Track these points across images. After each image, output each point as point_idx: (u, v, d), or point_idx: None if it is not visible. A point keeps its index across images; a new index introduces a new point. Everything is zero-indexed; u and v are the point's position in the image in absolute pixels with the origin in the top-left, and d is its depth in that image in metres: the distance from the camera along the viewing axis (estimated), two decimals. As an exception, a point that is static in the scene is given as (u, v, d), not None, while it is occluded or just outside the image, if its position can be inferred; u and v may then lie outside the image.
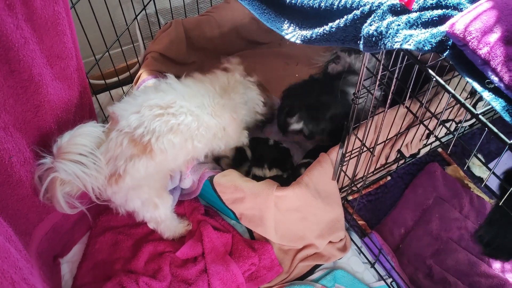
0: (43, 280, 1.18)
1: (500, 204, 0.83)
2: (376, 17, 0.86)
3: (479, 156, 0.96)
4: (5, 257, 0.93)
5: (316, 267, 1.46)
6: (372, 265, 1.46)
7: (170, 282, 1.38)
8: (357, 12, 0.89)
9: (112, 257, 1.44)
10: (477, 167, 1.66)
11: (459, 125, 1.59)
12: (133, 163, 1.18)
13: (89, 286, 1.39)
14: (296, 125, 1.53)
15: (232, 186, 1.35)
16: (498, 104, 0.73)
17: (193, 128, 1.26)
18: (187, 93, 1.31)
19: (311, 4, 0.96)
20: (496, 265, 1.41)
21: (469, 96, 1.47)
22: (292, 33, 1.01)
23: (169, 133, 1.20)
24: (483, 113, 0.78)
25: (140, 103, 1.22)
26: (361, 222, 1.52)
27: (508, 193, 0.79)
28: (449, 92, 0.82)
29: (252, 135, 1.61)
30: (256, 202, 1.35)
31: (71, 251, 1.48)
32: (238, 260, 1.41)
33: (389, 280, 1.42)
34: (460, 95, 0.91)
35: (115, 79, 1.79)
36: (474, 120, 1.71)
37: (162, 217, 1.38)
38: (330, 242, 1.46)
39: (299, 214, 1.37)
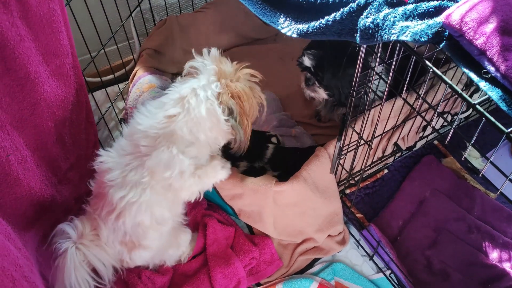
0: (43, 278, 1.18)
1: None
2: (372, 9, 0.86)
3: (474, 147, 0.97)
4: (5, 255, 0.93)
5: (315, 260, 1.47)
6: (371, 258, 1.47)
7: (171, 276, 1.39)
8: (353, 4, 0.89)
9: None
10: (473, 159, 1.67)
11: (455, 117, 1.60)
12: (134, 254, 1.22)
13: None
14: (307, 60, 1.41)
15: (231, 182, 1.35)
16: (494, 93, 0.74)
17: (147, 214, 1.15)
18: (121, 172, 1.13)
19: (306, -2, 0.96)
20: (494, 255, 1.43)
21: (464, 88, 1.48)
22: (288, 27, 1.01)
23: (137, 228, 1.16)
24: (480, 104, 0.78)
25: (96, 212, 1.19)
26: (359, 215, 1.53)
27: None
28: (446, 82, 0.82)
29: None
30: (254, 198, 1.35)
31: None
32: (239, 254, 1.41)
33: (387, 272, 1.43)
34: (456, 87, 0.91)
35: (111, 76, 1.78)
36: (469, 112, 1.73)
37: (184, 250, 1.40)
38: (329, 235, 1.47)
39: (298, 209, 1.38)
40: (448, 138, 0.93)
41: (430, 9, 0.82)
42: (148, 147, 1.11)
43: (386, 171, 1.64)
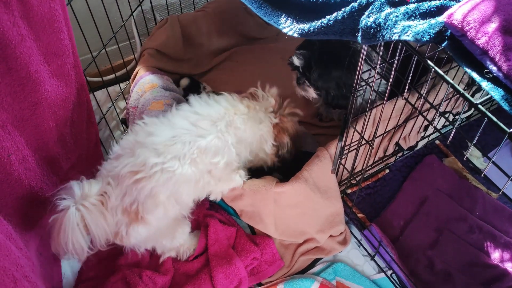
0: (44, 278, 1.18)
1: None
2: (374, 9, 0.86)
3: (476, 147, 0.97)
4: (6, 255, 0.93)
5: (316, 260, 1.47)
6: (372, 258, 1.46)
7: (173, 276, 1.39)
8: (355, 4, 0.89)
9: (116, 252, 1.44)
10: (474, 159, 1.67)
11: (456, 117, 1.59)
12: (133, 228, 1.20)
13: (94, 281, 1.40)
14: (296, 60, 1.45)
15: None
16: (497, 93, 0.73)
17: (170, 188, 1.17)
18: (165, 140, 1.18)
19: (308, -3, 0.96)
20: (495, 255, 1.42)
21: (466, 88, 1.48)
22: (290, 27, 1.01)
23: (149, 198, 1.16)
24: (481, 104, 0.78)
25: (115, 169, 1.18)
26: (360, 215, 1.53)
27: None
28: (448, 82, 0.82)
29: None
30: (255, 199, 1.35)
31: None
32: (240, 254, 1.41)
33: (389, 272, 1.43)
34: (457, 87, 0.91)
35: (112, 76, 1.78)
36: (471, 112, 1.73)
37: (181, 242, 1.40)
38: (330, 236, 1.46)
39: (299, 209, 1.38)
40: (450, 138, 0.93)
41: (432, 9, 0.82)
42: (205, 130, 1.21)
43: (387, 171, 1.64)
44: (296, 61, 1.43)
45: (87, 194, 1.15)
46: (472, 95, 1.57)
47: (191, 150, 1.17)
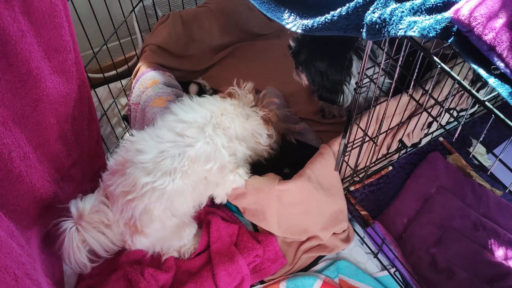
0: (45, 275, 1.18)
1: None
2: (379, 4, 0.85)
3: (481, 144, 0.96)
4: (7, 252, 0.92)
5: (319, 258, 1.46)
6: (375, 255, 1.46)
7: (175, 273, 1.38)
8: (360, -1, 0.88)
9: (118, 250, 1.43)
10: (478, 155, 1.66)
11: (460, 113, 1.58)
12: (135, 238, 1.23)
13: (96, 278, 1.39)
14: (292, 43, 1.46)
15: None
16: (504, 90, 0.73)
17: (163, 203, 1.17)
18: (154, 157, 1.16)
19: (312, -8, 0.95)
20: (499, 253, 1.41)
21: (470, 84, 1.46)
22: (293, 23, 0.99)
23: (144, 214, 1.17)
24: (488, 100, 0.77)
25: (110, 187, 1.20)
26: (363, 213, 1.52)
27: None
28: (454, 79, 0.81)
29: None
30: (258, 197, 1.34)
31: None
32: (242, 252, 1.41)
33: (392, 270, 1.42)
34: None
35: (113, 72, 1.78)
36: (475, 108, 1.71)
37: (186, 242, 1.40)
38: (333, 233, 1.46)
39: (302, 207, 1.37)
40: (456, 135, 0.92)
41: (439, 4, 0.80)
42: (193, 138, 1.18)
43: (390, 168, 1.63)
44: (291, 43, 1.44)
45: (82, 213, 1.19)
46: (477, 92, 1.56)
47: (182, 163, 1.15)
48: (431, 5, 0.81)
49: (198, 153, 1.17)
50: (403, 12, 0.81)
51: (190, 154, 1.16)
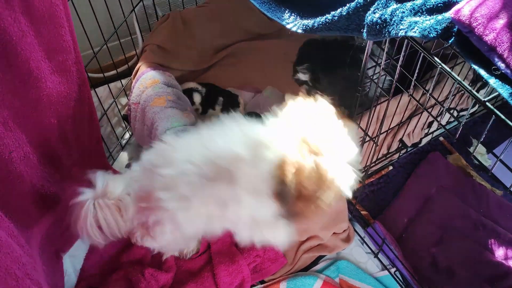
0: (46, 275, 1.18)
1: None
2: (380, 5, 0.85)
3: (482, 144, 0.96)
4: (8, 253, 0.92)
5: (319, 258, 1.46)
6: (376, 255, 1.46)
7: (175, 273, 1.38)
8: (360, -1, 0.88)
9: (118, 250, 1.43)
10: (478, 155, 1.65)
11: (461, 113, 1.58)
12: (146, 240, 1.17)
13: (96, 278, 1.39)
14: (302, 75, 1.48)
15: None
16: (504, 90, 0.73)
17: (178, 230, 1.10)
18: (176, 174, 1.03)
19: (312, -8, 0.95)
20: (500, 253, 1.41)
21: (470, 84, 1.47)
22: (293, 23, 0.99)
23: (156, 225, 1.11)
24: (488, 101, 0.77)
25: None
26: (363, 212, 1.52)
27: None
28: (455, 79, 0.81)
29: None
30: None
31: (74, 246, 1.47)
32: (243, 252, 1.41)
33: (392, 270, 1.42)
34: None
35: (114, 72, 1.77)
36: (476, 108, 1.71)
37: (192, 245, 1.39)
38: (333, 233, 1.46)
39: (302, 206, 1.37)
40: (457, 135, 0.92)
41: (439, 4, 0.80)
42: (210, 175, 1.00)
43: (391, 167, 1.63)
44: (303, 76, 1.46)
45: (109, 192, 1.10)
46: (477, 92, 1.56)
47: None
48: (431, 6, 0.81)
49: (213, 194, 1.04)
50: (403, 12, 0.81)
51: (207, 192, 1.03)
